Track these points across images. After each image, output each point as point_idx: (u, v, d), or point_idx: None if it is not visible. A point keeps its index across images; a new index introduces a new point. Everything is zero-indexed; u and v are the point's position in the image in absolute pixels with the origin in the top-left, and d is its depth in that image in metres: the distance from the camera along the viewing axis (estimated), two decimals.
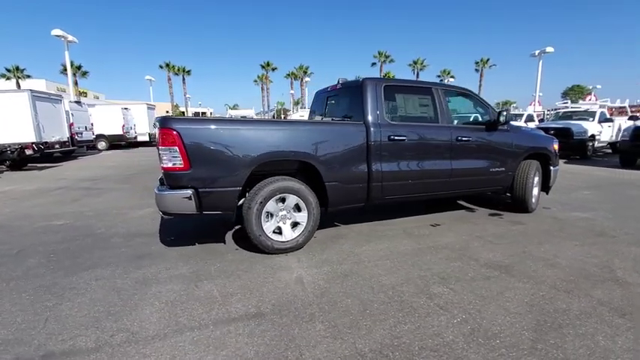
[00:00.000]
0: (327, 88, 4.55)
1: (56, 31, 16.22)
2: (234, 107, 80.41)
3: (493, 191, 4.68)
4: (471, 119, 4.78)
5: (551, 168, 4.84)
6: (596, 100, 20.62)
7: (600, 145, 12.72)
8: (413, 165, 3.79)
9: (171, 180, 2.89)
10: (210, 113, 58.55)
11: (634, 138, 9.25)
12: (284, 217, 3.28)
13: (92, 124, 14.86)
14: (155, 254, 3.31)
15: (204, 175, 2.89)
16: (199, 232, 4.02)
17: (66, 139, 11.90)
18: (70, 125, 12.35)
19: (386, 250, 3.39)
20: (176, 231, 4.00)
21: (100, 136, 16.52)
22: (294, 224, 3.33)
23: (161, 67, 45.67)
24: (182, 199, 2.86)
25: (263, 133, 3.09)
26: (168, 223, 4.28)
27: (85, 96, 34.47)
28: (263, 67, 48.19)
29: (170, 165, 2.83)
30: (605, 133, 12.49)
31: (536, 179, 4.72)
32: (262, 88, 52.11)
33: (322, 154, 3.29)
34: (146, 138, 19.09)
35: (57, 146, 11.23)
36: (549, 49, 21.50)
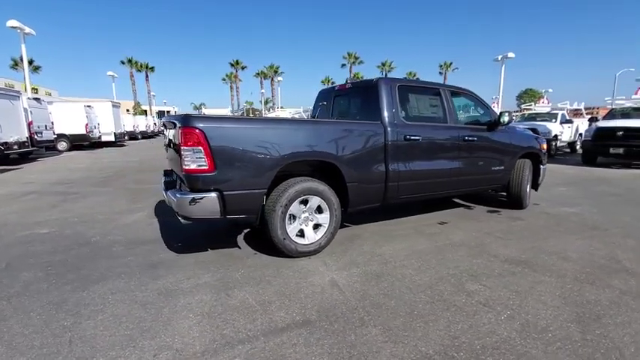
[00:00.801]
0: (335, 87, 4.50)
1: (12, 22, 14.75)
2: (201, 106, 78.01)
3: (493, 189, 4.87)
4: (473, 119, 4.94)
5: (541, 166, 5.13)
6: (549, 102, 22.19)
7: (561, 144, 13.73)
8: (426, 164, 3.84)
9: (193, 182, 2.69)
10: (175, 112, 56.38)
11: (595, 138, 10.07)
12: (306, 219, 3.18)
13: (52, 123, 13.68)
14: (168, 262, 3.08)
15: (229, 176, 2.73)
16: (206, 236, 3.81)
17: (25, 139, 10.86)
18: (29, 124, 11.28)
19: (407, 249, 3.40)
20: (181, 236, 3.76)
21: (60, 136, 15.25)
22: (316, 226, 3.25)
23: (123, 62, 43.25)
24: (206, 203, 2.68)
25: (289, 133, 2.98)
26: (170, 229, 4.02)
27: (37, 92, 31.75)
28: (232, 65, 47.09)
29: (194, 166, 2.64)
30: (565, 134, 13.51)
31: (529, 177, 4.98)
32: (231, 87, 50.96)
33: (344, 154, 3.24)
34: (111, 138, 17.90)
35: (15, 147, 10.21)
36: (511, 54, 22.87)
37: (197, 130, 2.59)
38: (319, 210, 3.22)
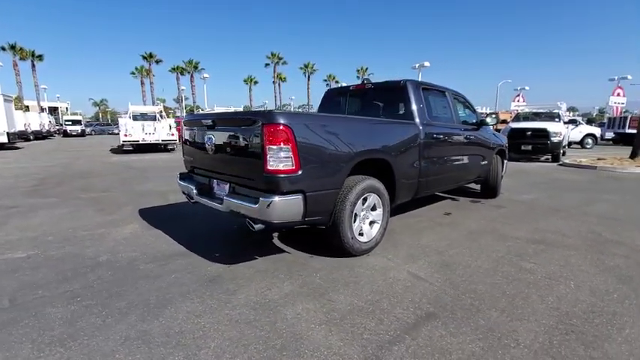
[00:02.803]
0: (349, 86, 4.54)
1: None
2: (102, 102, 68.20)
3: (478, 181, 5.52)
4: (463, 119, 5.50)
5: (505, 161, 6.01)
6: (524, 100, 25.09)
7: None
8: (443, 160, 4.19)
9: (278, 184, 2.46)
10: (67, 109, 48.23)
11: (509, 137, 12.03)
12: (364, 218, 3.19)
13: None
14: (225, 275, 2.76)
15: (311, 176, 2.58)
16: (235, 244, 3.50)
17: None
18: None
19: (443, 239, 3.66)
20: (210, 246, 3.37)
21: None
22: (370, 223, 3.28)
23: (3, 49, 35.10)
24: (292, 206, 2.49)
25: (360, 130, 2.95)
26: (186, 239, 3.55)
27: None
28: (145, 58, 42.33)
29: (281, 167, 2.42)
30: None
31: None
32: (142, 82, 45.82)
33: (394, 152, 3.34)
34: (4, 139, 14.47)
35: None
36: (427, 63, 25.71)
37: (284, 127, 2.39)
38: (373, 207, 3.26)
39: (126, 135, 13.07)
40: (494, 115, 4.94)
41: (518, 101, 30.47)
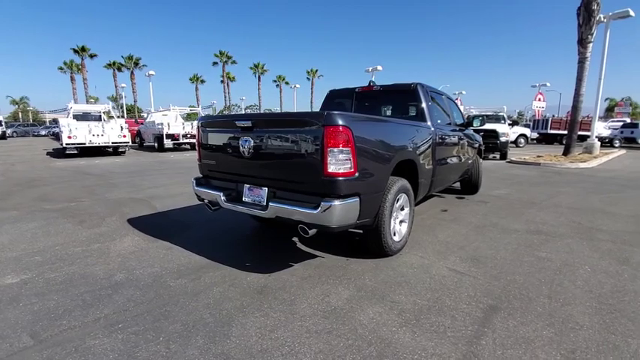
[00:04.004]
0: (355, 88, 4.55)
1: None
2: (22, 100, 59.77)
3: (463, 178, 5.90)
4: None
5: (480, 159, 6.52)
6: (461, 104, 26.67)
7: None
8: (447, 159, 4.41)
9: (338, 187, 2.39)
10: None
11: None
12: (395, 217, 3.24)
13: None
14: (272, 285, 2.60)
15: (365, 178, 2.55)
16: (254, 249, 3.34)
17: None
18: None
19: (457, 234, 3.86)
20: (232, 254, 3.17)
21: None
22: (400, 223, 3.33)
23: None
24: (350, 210, 2.44)
25: (397, 132, 2.97)
26: (205, 249, 3.29)
27: None
28: (76, 51, 37.95)
29: (340, 169, 2.35)
30: None
31: None
32: (72, 79, 41.13)
33: (419, 153, 3.44)
34: None
35: None
36: (379, 67, 26.80)
37: (344, 129, 2.33)
38: (402, 207, 3.33)
39: (70, 137, 11.62)
40: (480, 118, 5.33)
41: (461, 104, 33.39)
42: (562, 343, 1.94)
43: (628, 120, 30.48)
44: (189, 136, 15.26)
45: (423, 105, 3.93)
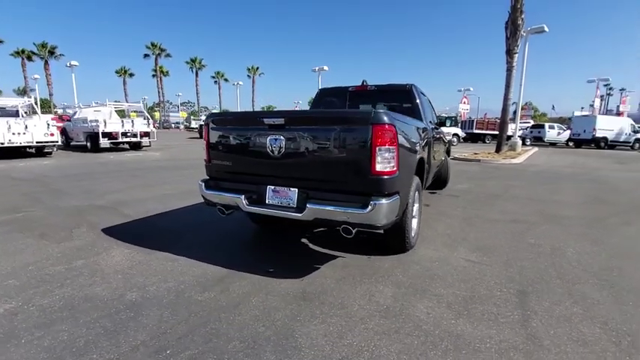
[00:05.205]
0: (347, 87, 4.55)
1: None
2: None
3: (437, 174, 6.29)
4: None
5: (448, 157, 7.04)
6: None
7: None
8: (434, 157, 4.67)
9: (383, 186, 2.37)
10: None
11: None
12: (413, 214, 3.34)
13: None
14: (308, 290, 2.50)
15: (402, 176, 2.58)
16: (267, 253, 3.18)
17: None
18: None
19: (451, 226, 4.12)
20: (247, 261, 2.97)
21: None
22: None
23: None
24: (394, 208, 2.44)
25: (418, 132, 3.04)
26: (215, 257, 3.03)
27: None
28: None
29: (386, 168, 2.34)
30: None
31: None
32: None
33: (425, 151, 3.59)
34: None
35: None
36: (326, 67, 27.24)
37: (390, 127, 2.33)
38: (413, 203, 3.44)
39: None
40: (454, 118, 5.74)
41: None
42: (594, 317, 2.19)
43: (531, 122, 35.68)
44: (129, 134, 13.79)
45: (419, 104, 4.11)
